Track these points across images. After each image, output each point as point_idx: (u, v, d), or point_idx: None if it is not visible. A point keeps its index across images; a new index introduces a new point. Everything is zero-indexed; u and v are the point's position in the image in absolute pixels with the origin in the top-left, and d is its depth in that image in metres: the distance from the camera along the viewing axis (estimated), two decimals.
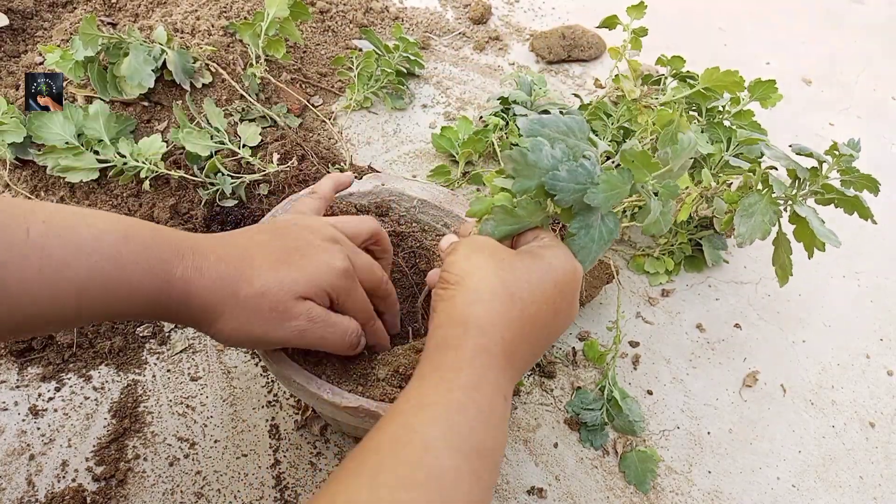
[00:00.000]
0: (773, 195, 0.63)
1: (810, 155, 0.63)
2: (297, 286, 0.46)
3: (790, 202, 0.63)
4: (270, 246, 0.48)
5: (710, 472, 0.70)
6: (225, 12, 0.97)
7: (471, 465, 0.36)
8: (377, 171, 0.91)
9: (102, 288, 0.41)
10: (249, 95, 0.89)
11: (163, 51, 0.84)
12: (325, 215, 0.58)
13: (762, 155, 0.76)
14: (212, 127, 0.82)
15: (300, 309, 0.47)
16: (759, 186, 0.66)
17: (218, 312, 0.45)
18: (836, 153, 0.61)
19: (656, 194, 0.48)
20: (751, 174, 0.68)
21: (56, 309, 0.41)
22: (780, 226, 0.65)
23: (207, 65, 0.88)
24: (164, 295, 0.44)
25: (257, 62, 0.90)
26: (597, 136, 0.93)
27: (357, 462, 0.36)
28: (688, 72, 0.79)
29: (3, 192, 0.80)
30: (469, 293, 0.42)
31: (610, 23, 0.80)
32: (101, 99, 0.83)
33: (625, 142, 0.90)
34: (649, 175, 0.47)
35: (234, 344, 0.47)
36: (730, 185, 0.70)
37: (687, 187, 0.70)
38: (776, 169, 0.69)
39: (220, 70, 0.88)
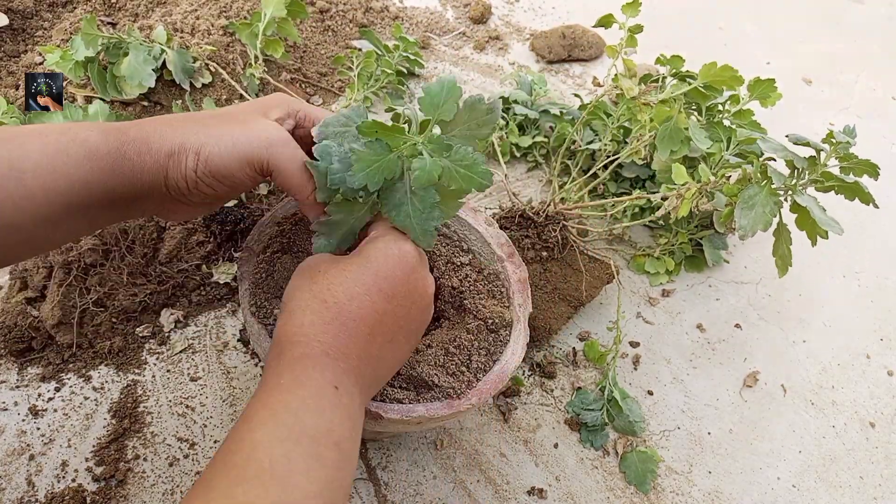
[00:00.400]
0: (773, 186, 0.63)
1: (807, 144, 0.63)
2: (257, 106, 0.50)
3: (790, 192, 0.63)
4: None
5: (710, 472, 0.70)
6: (224, 12, 0.96)
7: (302, 448, 0.37)
8: None
9: (64, 163, 0.42)
10: (249, 95, 0.89)
11: (162, 50, 0.84)
12: None
13: (762, 154, 0.76)
14: None
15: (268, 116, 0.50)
16: (759, 178, 0.66)
17: (188, 146, 0.45)
18: (833, 141, 0.61)
19: (430, 155, 0.46)
20: (749, 165, 0.68)
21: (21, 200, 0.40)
22: (780, 216, 0.65)
23: (207, 64, 0.88)
24: (123, 146, 0.44)
25: (256, 62, 0.90)
26: (596, 135, 0.93)
27: (193, 487, 0.37)
28: (687, 71, 0.79)
29: None
30: (284, 316, 0.44)
31: (606, 21, 0.79)
32: (101, 99, 0.83)
33: (625, 141, 0.90)
34: (405, 139, 0.46)
35: (214, 176, 0.46)
36: (728, 179, 0.69)
37: (686, 183, 0.70)
38: (774, 160, 0.69)
39: (220, 70, 0.87)
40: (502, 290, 0.61)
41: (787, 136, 0.66)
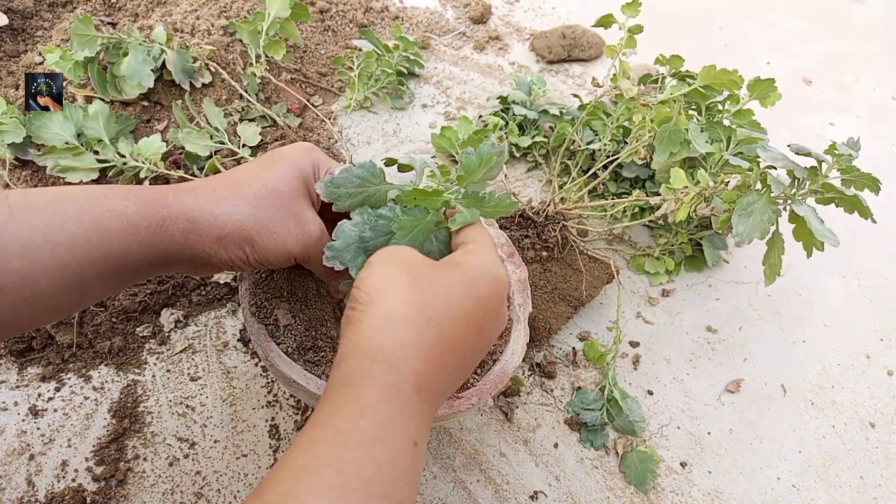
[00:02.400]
0: (772, 194, 0.63)
1: (808, 154, 0.63)
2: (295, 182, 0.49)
3: (789, 201, 0.63)
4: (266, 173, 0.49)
5: (710, 472, 0.70)
6: (224, 12, 0.96)
7: None
8: None
9: (98, 234, 0.41)
10: (249, 95, 0.89)
11: (162, 50, 0.84)
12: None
13: (758, 157, 0.76)
14: (211, 127, 0.82)
15: (309, 208, 0.49)
16: (758, 186, 0.66)
17: (239, 235, 0.45)
18: (836, 153, 0.61)
19: (467, 208, 0.49)
20: (749, 173, 0.67)
21: (52, 267, 0.39)
22: (777, 225, 0.65)
23: (207, 64, 0.88)
24: (162, 220, 0.43)
25: (257, 61, 0.90)
26: (596, 135, 0.93)
27: None
28: (686, 71, 0.79)
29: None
30: (379, 318, 0.37)
31: (605, 21, 0.79)
32: (101, 99, 0.83)
33: (625, 141, 0.90)
34: (441, 199, 0.48)
35: (251, 252, 0.46)
36: (727, 184, 0.69)
37: (685, 187, 0.70)
38: (775, 168, 0.69)
39: (220, 70, 0.87)
40: None
41: (788, 146, 0.66)
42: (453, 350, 0.39)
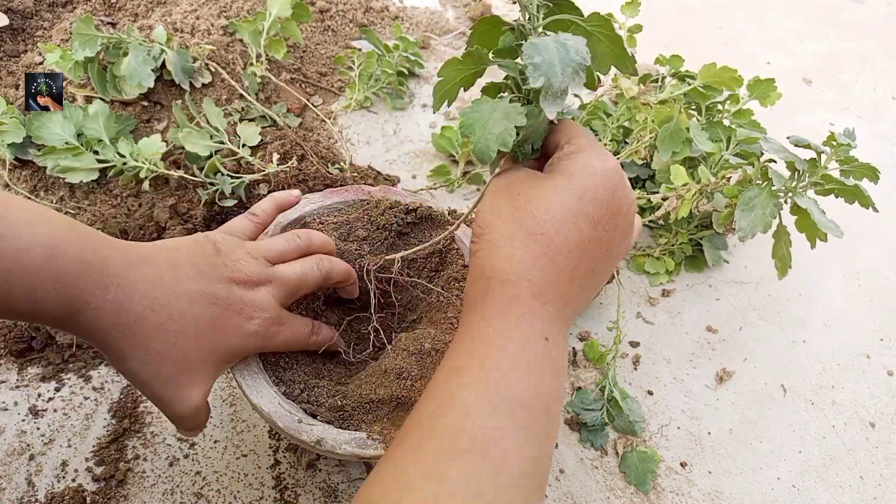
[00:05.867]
0: (773, 188, 0.63)
1: (808, 146, 0.63)
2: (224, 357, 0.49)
3: (790, 194, 0.63)
4: (194, 311, 0.46)
5: (710, 472, 0.70)
6: (224, 12, 0.96)
7: (514, 419, 0.35)
8: (377, 172, 0.91)
9: (4, 300, 0.39)
10: (249, 95, 0.89)
11: (162, 50, 0.84)
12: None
13: (762, 154, 0.76)
14: (211, 127, 0.82)
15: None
16: (759, 180, 0.66)
17: (132, 352, 0.44)
18: (834, 143, 0.61)
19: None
20: (750, 166, 0.68)
21: None
22: (780, 218, 0.65)
23: (207, 64, 0.88)
24: (68, 325, 0.42)
25: (258, 60, 0.90)
26: (596, 135, 0.93)
27: (401, 439, 0.37)
28: (686, 71, 0.79)
29: (3, 191, 0.80)
30: (488, 244, 0.41)
31: None
32: (101, 99, 0.83)
33: (625, 141, 0.90)
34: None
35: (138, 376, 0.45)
36: (728, 180, 0.69)
37: (686, 184, 0.70)
38: (775, 162, 0.69)
39: (220, 69, 0.87)
40: None
41: (788, 138, 0.66)
42: (568, 252, 0.40)
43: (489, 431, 0.35)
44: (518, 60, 0.43)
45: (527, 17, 0.43)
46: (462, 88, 0.48)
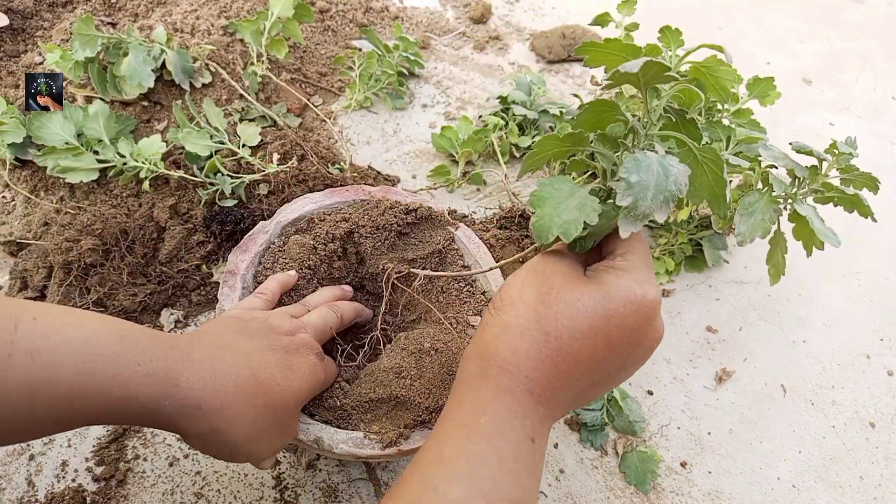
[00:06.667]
0: (773, 194, 0.63)
1: (810, 153, 0.63)
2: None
3: (790, 201, 0.63)
4: (261, 366, 0.47)
5: (710, 472, 0.70)
6: (224, 12, 0.96)
7: None
8: (377, 172, 0.91)
9: (93, 393, 0.38)
10: (249, 95, 0.89)
11: (162, 50, 0.84)
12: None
13: (759, 156, 0.76)
14: (211, 127, 0.82)
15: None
16: (759, 185, 0.66)
17: (229, 417, 0.43)
18: (836, 151, 0.61)
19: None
20: (751, 172, 0.68)
21: (36, 415, 0.37)
22: (778, 224, 0.65)
23: (207, 64, 0.88)
24: (167, 399, 0.41)
25: (258, 60, 0.90)
26: None
27: None
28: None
29: (3, 192, 0.80)
30: (499, 326, 0.40)
31: (602, 20, 0.79)
32: (101, 99, 0.83)
33: None
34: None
35: (244, 447, 0.46)
36: (729, 184, 0.69)
37: None
38: (776, 167, 0.69)
39: (220, 70, 0.87)
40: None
41: (790, 144, 0.66)
42: (574, 363, 0.39)
43: None
44: (615, 163, 0.41)
45: (644, 120, 0.40)
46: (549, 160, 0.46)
